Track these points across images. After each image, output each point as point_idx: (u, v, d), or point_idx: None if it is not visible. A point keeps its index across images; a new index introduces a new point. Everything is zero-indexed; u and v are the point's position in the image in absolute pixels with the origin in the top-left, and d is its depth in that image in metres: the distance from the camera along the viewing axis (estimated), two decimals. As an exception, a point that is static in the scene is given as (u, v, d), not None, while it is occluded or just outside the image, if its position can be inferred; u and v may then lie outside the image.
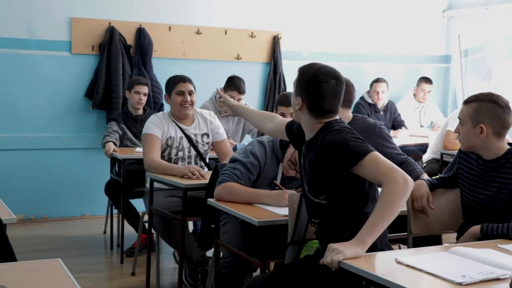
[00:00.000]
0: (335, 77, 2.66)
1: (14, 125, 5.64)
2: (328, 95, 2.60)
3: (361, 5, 7.08)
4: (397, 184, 2.32)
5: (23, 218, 5.68)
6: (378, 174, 2.39)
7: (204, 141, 4.28)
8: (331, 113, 2.63)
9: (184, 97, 4.20)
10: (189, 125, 4.28)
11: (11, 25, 5.56)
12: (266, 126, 3.14)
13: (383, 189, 2.34)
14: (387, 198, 2.32)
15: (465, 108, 2.89)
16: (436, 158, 5.74)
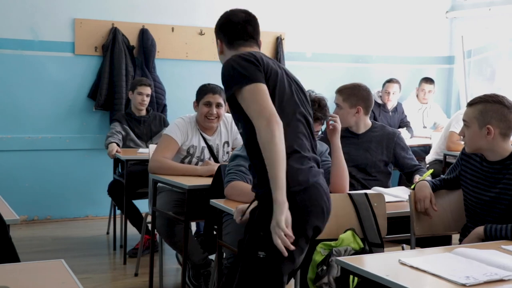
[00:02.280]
0: (243, 11, 2.80)
1: (17, 126, 5.65)
2: (237, 23, 2.71)
3: (364, 6, 7.07)
4: (260, 132, 2.31)
5: (26, 219, 5.69)
6: (249, 112, 2.38)
7: (224, 151, 4.23)
8: (243, 40, 2.67)
9: (211, 109, 4.03)
10: (212, 134, 4.18)
11: (14, 26, 5.57)
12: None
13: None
14: (263, 148, 2.31)
15: (470, 110, 2.88)
16: (439, 159, 5.74)
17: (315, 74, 6.89)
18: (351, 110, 3.80)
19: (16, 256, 2.42)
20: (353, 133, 3.86)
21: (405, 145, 3.88)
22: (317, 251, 2.91)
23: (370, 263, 2.27)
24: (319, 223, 2.51)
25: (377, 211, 3.07)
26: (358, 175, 3.79)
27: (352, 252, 2.88)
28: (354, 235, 2.94)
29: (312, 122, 2.64)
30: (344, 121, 3.79)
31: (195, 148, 4.10)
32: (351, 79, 6.51)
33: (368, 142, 3.83)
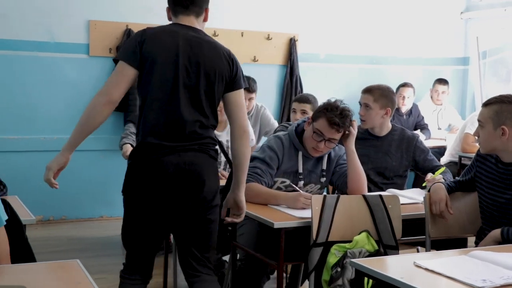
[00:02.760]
0: None
1: (32, 126, 5.68)
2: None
3: (378, 7, 7.05)
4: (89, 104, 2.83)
5: (42, 219, 5.72)
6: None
7: None
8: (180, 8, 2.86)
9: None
10: (221, 130, 4.23)
11: (30, 28, 5.60)
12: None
13: None
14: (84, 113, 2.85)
15: (486, 110, 2.86)
16: (454, 161, 5.71)
17: (328, 75, 6.88)
18: (380, 111, 3.78)
19: (32, 256, 2.45)
20: (374, 135, 3.84)
21: (425, 147, 3.86)
22: (332, 253, 2.91)
23: (385, 265, 2.27)
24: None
25: (392, 213, 3.06)
26: (376, 179, 3.77)
27: (367, 254, 2.88)
28: (369, 237, 2.93)
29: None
30: (370, 121, 3.79)
31: None
32: (365, 81, 6.50)
33: (388, 145, 3.81)
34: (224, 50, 2.88)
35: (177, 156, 2.74)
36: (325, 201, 2.99)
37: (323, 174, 3.46)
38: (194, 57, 2.77)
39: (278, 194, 3.25)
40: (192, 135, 2.77)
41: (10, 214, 2.31)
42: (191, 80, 2.76)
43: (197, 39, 2.82)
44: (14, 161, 5.57)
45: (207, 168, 2.80)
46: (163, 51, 2.74)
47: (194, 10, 2.86)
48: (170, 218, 2.81)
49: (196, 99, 2.77)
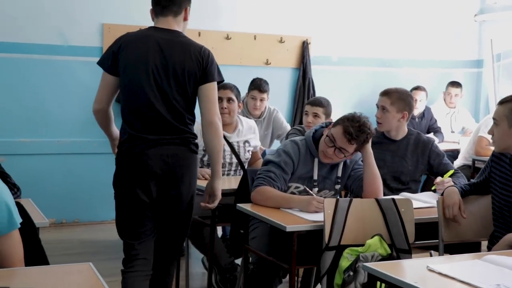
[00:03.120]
0: None
1: (46, 130, 5.71)
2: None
3: (391, 10, 7.03)
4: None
5: (54, 222, 5.75)
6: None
7: (246, 148, 4.27)
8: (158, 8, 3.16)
9: (222, 103, 4.13)
10: (231, 132, 4.26)
11: (44, 31, 5.64)
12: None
13: None
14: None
15: (501, 108, 2.85)
16: (467, 164, 5.68)
17: (341, 78, 6.87)
18: (397, 114, 3.77)
19: (45, 259, 2.45)
20: (390, 139, 3.82)
21: (440, 151, 3.84)
22: (344, 256, 2.90)
23: (398, 269, 2.26)
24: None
25: (405, 216, 3.04)
26: (392, 184, 3.75)
27: (379, 258, 2.87)
28: (381, 241, 2.92)
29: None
30: (387, 124, 3.78)
31: None
32: (377, 83, 6.50)
33: (404, 149, 3.79)
34: (195, 48, 3.08)
35: (158, 149, 3.02)
36: (338, 205, 2.98)
37: (337, 181, 3.45)
38: (164, 59, 3.02)
39: (290, 198, 3.25)
40: (168, 131, 3.03)
41: (24, 217, 2.32)
42: (162, 81, 3.02)
43: (168, 41, 3.06)
44: (28, 164, 5.60)
45: (190, 157, 3.09)
46: (135, 57, 3.03)
47: (172, 9, 3.11)
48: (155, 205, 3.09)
49: (168, 98, 3.03)
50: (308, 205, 3.12)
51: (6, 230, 2.14)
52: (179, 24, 3.14)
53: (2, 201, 2.13)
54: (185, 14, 3.15)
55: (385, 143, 3.79)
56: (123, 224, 3.19)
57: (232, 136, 4.25)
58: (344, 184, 3.50)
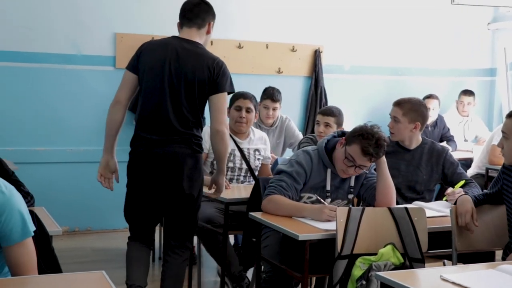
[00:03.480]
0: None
1: (59, 138, 5.74)
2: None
3: (404, 18, 7.02)
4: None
5: (67, 230, 5.77)
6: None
7: (256, 156, 4.32)
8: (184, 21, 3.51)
9: (241, 113, 4.27)
10: (243, 139, 4.35)
11: (57, 41, 5.68)
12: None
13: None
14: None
15: (510, 121, 2.83)
16: (481, 173, 5.64)
17: (353, 87, 6.86)
18: (409, 125, 3.75)
19: (58, 267, 2.46)
20: (404, 148, 3.81)
21: (454, 160, 3.82)
22: (357, 265, 2.88)
23: (410, 278, 2.24)
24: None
25: (418, 225, 3.03)
26: (407, 193, 3.73)
27: (392, 267, 2.85)
28: (394, 250, 2.90)
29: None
30: (399, 135, 3.77)
31: None
32: (390, 92, 6.49)
33: (418, 158, 3.77)
34: (209, 59, 3.37)
35: (160, 149, 3.36)
36: (350, 213, 2.97)
37: (350, 191, 3.44)
38: (179, 67, 3.34)
39: (302, 206, 3.24)
40: (172, 133, 3.35)
41: (37, 225, 2.33)
42: (173, 86, 3.34)
43: (186, 51, 3.38)
44: (41, 173, 5.63)
45: (191, 156, 3.38)
46: (153, 61, 3.37)
47: (196, 22, 3.45)
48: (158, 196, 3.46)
49: (178, 102, 3.34)
50: (320, 214, 3.12)
51: (20, 238, 2.15)
52: (201, 36, 3.48)
53: (16, 210, 2.15)
54: (208, 28, 3.50)
55: (399, 152, 3.78)
56: (127, 210, 3.65)
57: (243, 143, 4.32)
58: (356, 193, 3.49)
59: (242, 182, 4.33)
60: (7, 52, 5.53)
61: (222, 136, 3.36)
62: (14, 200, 2.15)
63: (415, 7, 7.05)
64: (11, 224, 2.13)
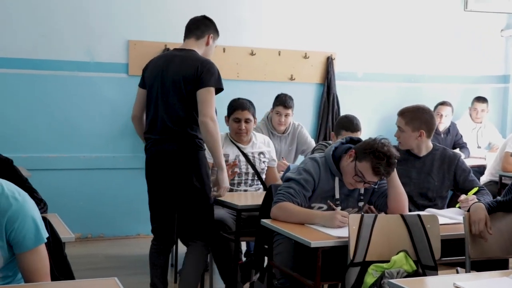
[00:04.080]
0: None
1: (72, 145, 5.77)
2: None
3: (417, 25, 7.01)
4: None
5: (80, 237, 5.79)
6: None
7: (261, 159, 4.35)
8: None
9: (240, 125, 4.32)
10: (246, 145, 4.39)
11: (70, 48, 5.71)
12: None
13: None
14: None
15: None
16: (494, 180, 5.61)
17: (366, 94, 6.85)
18: (414, 133, 3.73)
19: (71, 274, 2.47)
20: (414, 155, 3.79)
21: (466, 167, 3.79)
22: (369, 273, 2.87)
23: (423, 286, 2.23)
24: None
25: (431, 232, 3.01)
26: (419, 201, 3.71)
27: (405, 275, 2.84)
28: (407, 257, 2.89)
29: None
30: (405, 144, 3.75)
31: (228, 156, 4.24)
32: (403, 99, 6.47)
33: (430, 165, 3.75)
34: (197, 60, 3.66)
35: (159, 147, 3.70)
36: (363, 220, 2.96)
37: (360, 198, 3.43)
38: (168, 70, 3.67)
39: (313, 213, 3.23)
40: (168, 132, 3.66)
41: (50, 232, 2.34)
42: (164, 87, 3.67)
43: (178, 57, 3.71)
44: (54, 179, 5.66)
45: (182, 153, 3.66)
46: (152, 73, 3.76)
47: (195, 33, 3.78)
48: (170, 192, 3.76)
49: (168, 100, 3.65)
50: (332, 220, 3.10)
51: (33, 245, 2.16)
52: (200, 47, 3.77)
53: (29, 216, 2.16)
54: (208, 40, 3.79)
55: (410, 160, 3.76)
56: (150, 206, 3.92)
57: (247, 148, 4.37)
58: (367, 200, 3.48)
59: (250, 185, 4.35)
60: (21, 59, 5.57)
61: (205, 126, 3.59)
62: (27, 207, 2.16)
63: (428, 14, 7.04)
64: (24, 231, 2.14)
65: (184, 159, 3.67)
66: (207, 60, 3.70)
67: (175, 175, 3.69)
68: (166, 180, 3.72)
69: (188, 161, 3.68)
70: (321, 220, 3.15)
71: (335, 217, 3.10)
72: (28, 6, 5.57)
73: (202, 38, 3.78)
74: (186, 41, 3.80)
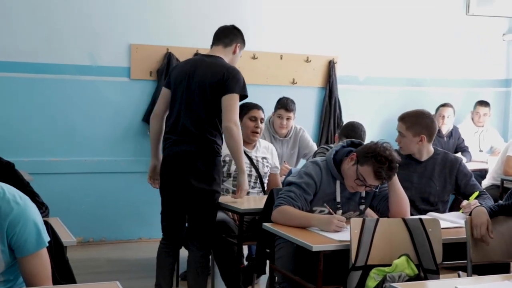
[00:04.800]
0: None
1: (74, 149, 5.77)
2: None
3: (419, 29, 7.01)
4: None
5: (82, 241, 5.79)
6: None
7: (264, 164, 4.37)
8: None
9: (256, 123, 4.42)
10: (251, 149, 4.45)
11: (73, 52, 5.72)
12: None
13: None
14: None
15: None
16: (496, 184, 5.61)
17: (368, 97, 6.85)
18: (415, 138, 3.73)
19: (72, 278, 2.47)
20: (416, 160, 3.79)
21: (468, 171, 3.79)
22: (371, 276, 2.87)
23: (425, 290, 2.23)
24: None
25: (432, 236, 3.01)
26: (420, 205, 3.70)
27: (407, 279, 2.84)
28: (409, 261, 2.89)
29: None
30: (407, 149, 3.75)
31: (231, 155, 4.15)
32: (405, 103, 6.47)
33: (431, 169, 3.75)
34: (223, 67, 3.75)
35: (175, 147, 3.76)
36: (364, 224, 2.96)
37: (362, 201, 3.43)
38: (195, 75, 3.74)
39: (311, 216, 3.23)
40: (186, 134, 3.73)
41: (51, 236, 2.35)
42: (190, 91, 3.74)
43: (205, 62, 3.79)
44: (56, 183, 5.66)
45: (198, 155, 3.71)
46: (178, 76, 3.83)
47: (223, 41, 3.88)
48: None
49: (192, 104, 3.73)
50: (329, 224, 3.10)
51: (34, 249, 2.17)
52: (227, 54, 3.86)
53: (30, 220, 2.16)
54: (235, 49, 3.89)
55: (411, 165, 3.76)
56: (162, 207, 3.94)
57: (252, 152, 4.42)
58: (369, 203, 3.47)
59: (253, 187, 4.38)
60: (23, 63, 5.58)
61: (229, 131, 3.67)
62: (28, 211, 2.17)
63: (430, 17, 7.04)
64: (25, 235, 2.14)
65: (200, 161, 3.73)
66: (233, 67, 3.78)
67: (189, 176, 3.73)
68: (180, 179, 3.76)
69: (204, 164, 3.73)
70: (318, 223, 3.15)
71: (331, 221, 3.09)
72: (29, 9, 5.58)
73: (229, 46, 3.88)
74: (213, 48, 3.89)
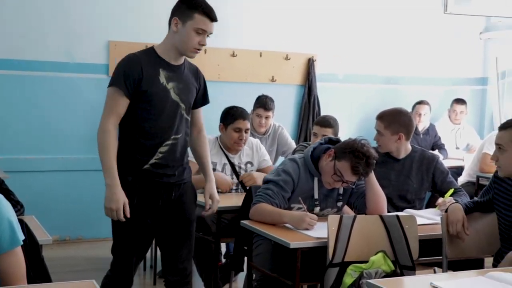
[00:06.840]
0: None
1: (51, 146, 5.72)
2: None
3: (397, 28, 7.05)
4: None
5: (58, 239, 5.75)
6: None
7: (248, 169, 4.28)
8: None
9: (241, 134, 4.17)
10: (234, 154, 4.28)
11: (50, 48, 5.67)
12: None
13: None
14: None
15: (505, 134, 2.84)
16: (472, 181, 5.66)
17: (346, 95, 6.88)
18: (393, 137, 3.74)
19: (48, 276, 2.45)
20: (393, 158, 3.81)
21: (444, 169, 3.81)
22: (348, 273, 2.89)
23: (401, 286, 2.25)
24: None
25: (409, 233, 3.04)
26: (398, 203, 3.72)
27: (383, 275, 2.86)
28: (385, 258, 2.91)
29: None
30: (385, 147, 3.77)
31: (215, 164, 4.13)
32: (383, 100, 6.51)
33: (409, 167, 3.77)
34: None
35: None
36: (342, 221, 2.97)
37: (339, 198, 3.44)
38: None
39: (283, 212, 3.23)
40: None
41: (26, 234, 2.32)
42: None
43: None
44: (31, 181, 5.61)
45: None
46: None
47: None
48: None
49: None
50: (301, 222, 3.10)
51: (8, 247, 2.14)
52: (169, 36, 3.50)
53: (4, 218, 2.14)
54: (173, 25, 3.40)
55: (389, 162, 3.78)
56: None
57: (235, 158, 4.27)
58: (346, 200, 3.49)
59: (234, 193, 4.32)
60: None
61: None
62: (2, 209, 2.14)
63: (407, 16, 7.09)
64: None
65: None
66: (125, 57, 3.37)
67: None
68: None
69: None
70: (290, 220, 3.16)
71: (303, 219, 3.10)
72: (6, 7, 5.52)
73: (170, 26, 3.51)
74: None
